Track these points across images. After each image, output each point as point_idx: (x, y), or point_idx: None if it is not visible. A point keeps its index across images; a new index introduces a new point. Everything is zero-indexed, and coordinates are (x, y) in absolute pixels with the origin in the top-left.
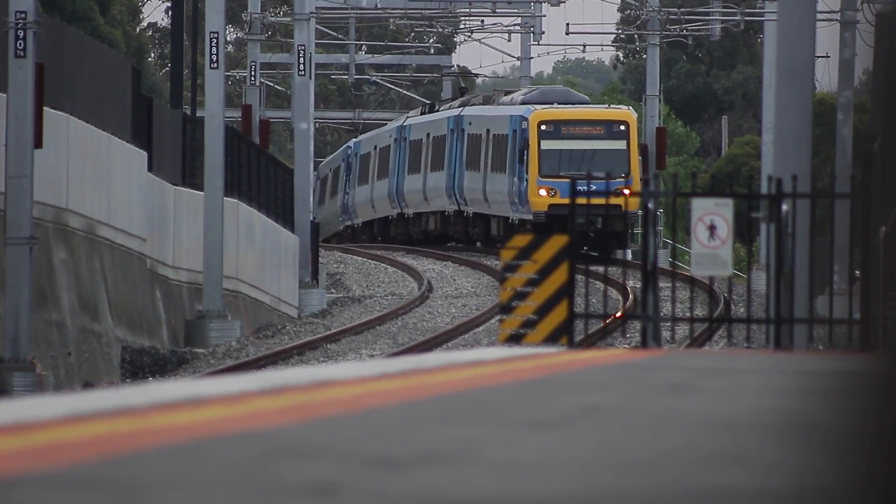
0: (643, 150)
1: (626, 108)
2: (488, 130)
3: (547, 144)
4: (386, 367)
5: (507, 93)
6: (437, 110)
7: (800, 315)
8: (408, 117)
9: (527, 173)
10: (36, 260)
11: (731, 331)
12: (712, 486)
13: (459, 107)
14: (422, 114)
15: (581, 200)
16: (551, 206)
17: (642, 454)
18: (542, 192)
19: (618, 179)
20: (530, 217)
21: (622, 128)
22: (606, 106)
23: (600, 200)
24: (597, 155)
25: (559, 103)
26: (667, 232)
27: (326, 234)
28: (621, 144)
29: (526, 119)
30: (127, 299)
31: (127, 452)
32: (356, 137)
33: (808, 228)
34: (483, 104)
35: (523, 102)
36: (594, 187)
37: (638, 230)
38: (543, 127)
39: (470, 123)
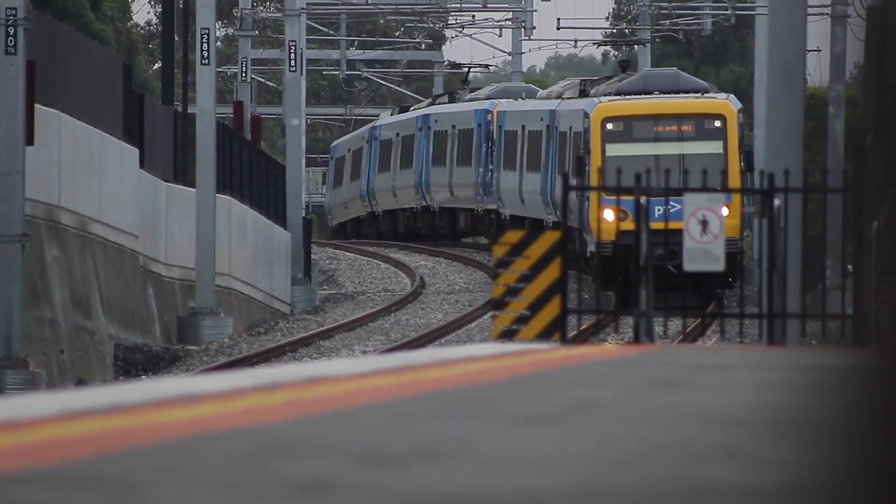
0: (749, 155)
1: (723, 96)
2: (571, 128)
3: (614, 149)
4: (379, 363)
5: (624, 67)
6: (587, 94)
7: (792, 310)
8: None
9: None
10: (28, 257)
11: (723, 326)
12: (706, 482)
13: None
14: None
15: (657, 225)
16: (621, 233)
17: (636, 450)
18: (608, 214)
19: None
20: (593, 248)
21: (717, 124)
22: (698, 95)
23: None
24: (683, 161)
25: (662, 92)
26: None
27: (343, 219)
28: (716, 146)
29: (588, 116)
30: (119, 296)
31: (120, 450)
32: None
33: (801, 223)
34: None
35: (618, 93)
36: (676, 206)
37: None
38: (610, 126)
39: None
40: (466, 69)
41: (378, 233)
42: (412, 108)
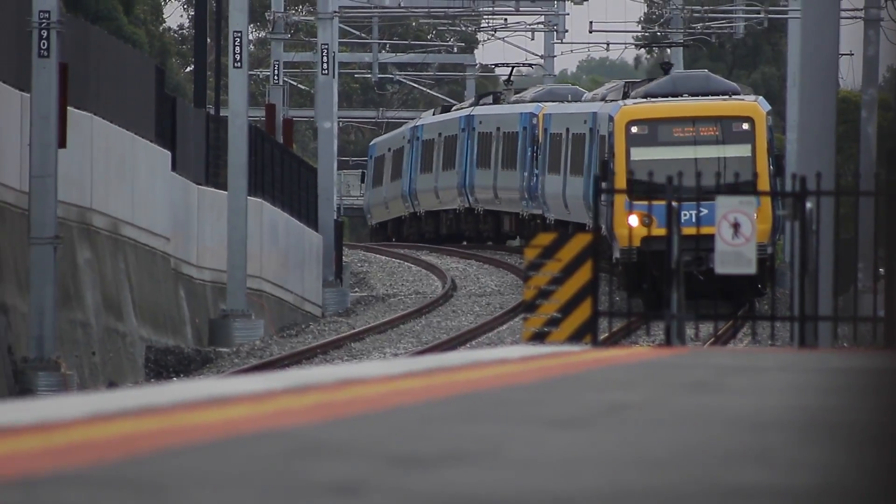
0: (777, 158)
1: (752, 97)
2: (577, 130)
3: (639, 153)
4: (410, 365)
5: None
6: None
7: (824, 312)
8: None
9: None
10: (60, 259)
11: (755, 329)
12: (736, 484)
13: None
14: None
15: (689, 230)
16: (645, 239)
17: (666, 452)
18: (633, 219)
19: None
20: (618, 255)
21: (745, 127)
22: (727, 97)
23: (713, 230)
24: (710, 165)
25: (691, 94)
26: None
27: (383, 219)
28: (744, 150)
29: (612, 119)
30: (151, 299)
31: (151, 452)
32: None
33: (833, 226)
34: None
35: (647, 95)
36: (703, 211)
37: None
38: (634, 129)
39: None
40: (510, 68)
41: (420, 233)
42: (455, 108)
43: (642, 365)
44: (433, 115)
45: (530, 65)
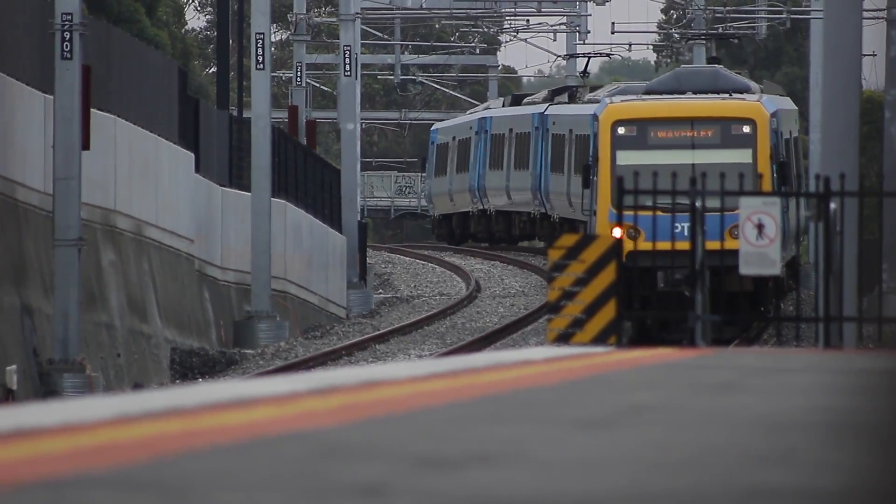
0: (782, 165)
1: (756, 97)
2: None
3: (625, 157)
4: (434, 367)
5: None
6: None
7: (849, 313)
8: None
9: (595, 202)
10: (84, 261)
11: (780, 330)
12: (760, 485)
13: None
14: None
15: (682, 244)
16: (630, 254)
17: (690, 453)
18: (618, 232)
19: (735, 212)
20: None
21: (746, 129)
22: (727, 95)
23: (712, 245)
24: (705, 172)
25: (697, 92)
26: None
27: (447, 211)
28: (744, 155)
29: (597, 118)
30: (175, 300)
31: (176, 453)
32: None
33: (857, 227)
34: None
35: (647, 91)
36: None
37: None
38: (621, 130)
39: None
40: (587, 59)
41: (490, 233)
42: (525, 102)
43: (666, 366)
44: (502, 105)
45: (608, 55)
